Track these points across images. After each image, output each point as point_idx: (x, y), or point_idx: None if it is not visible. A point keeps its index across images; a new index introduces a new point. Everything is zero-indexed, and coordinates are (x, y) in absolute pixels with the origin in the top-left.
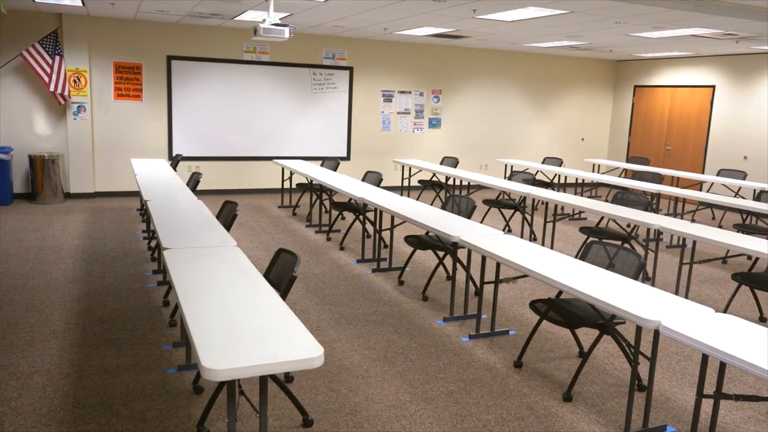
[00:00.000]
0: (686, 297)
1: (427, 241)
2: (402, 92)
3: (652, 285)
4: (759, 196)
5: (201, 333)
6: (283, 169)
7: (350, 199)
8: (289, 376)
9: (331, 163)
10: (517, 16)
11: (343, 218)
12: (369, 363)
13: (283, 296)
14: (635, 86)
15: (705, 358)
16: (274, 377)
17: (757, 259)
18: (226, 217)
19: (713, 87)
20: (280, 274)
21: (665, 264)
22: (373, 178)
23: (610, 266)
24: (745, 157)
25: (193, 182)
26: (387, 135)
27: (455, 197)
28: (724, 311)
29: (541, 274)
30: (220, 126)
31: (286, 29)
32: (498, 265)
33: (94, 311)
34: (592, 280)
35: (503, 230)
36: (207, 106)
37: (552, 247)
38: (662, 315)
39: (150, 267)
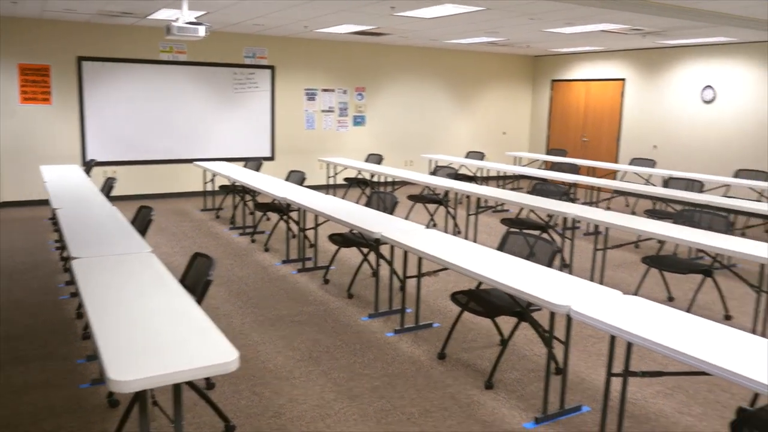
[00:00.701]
0: (601, 281)
1: (351, 238)
2: (325, 90)
3: (570, 272)
4: (667, 182)
5: (109, 344)
6: (204, 171)
7: (274, 200)
8: (210, 383)
9: (254, 163)
10: (435, 13)
11: (268, 219)
12: (293, 364)
13: (199, 301)
14: (552, 80)
15: (613, 339)
16: (192, 385)
17: (664, 242)
18: (141, 222)
19: (624, 80)
20: (196, 278)
21: (582, 251)
22: (297, 177)
23: (530, 255)
24: (655, 146)
25: (107, 188)
26: (311, 134)
27: (378, 194)
28: (635, 293)
29: (460, 266)
30: (137, 129)
31: (201, 27)
32: (420, 259)
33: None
34: (510, 269)
35: (427, 224)
36: (123, 109)
37: (475, 239)
38: (572, 300)
39: (63, 278)
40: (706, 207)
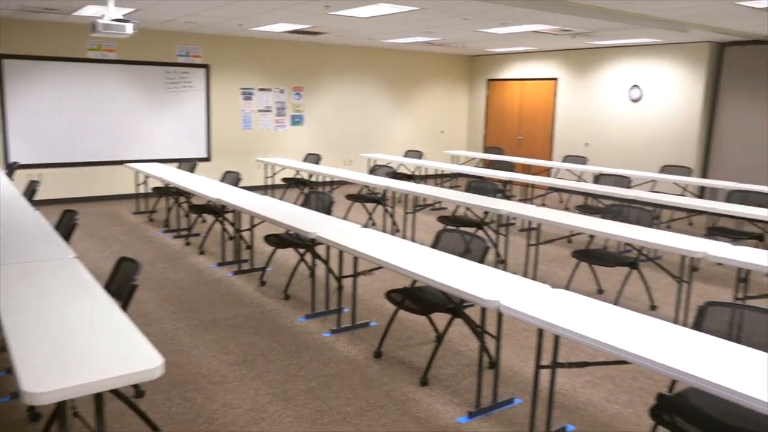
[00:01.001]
0: (534, 276)
1: (287, 239)
2: (262, 90)
3: (505, 267)
4: (598, 179)
5: (25, 355)
6: (137, 173)
7: (209, 201)
8: (139, 391)
9: (188, 164)
10: (370, 13)
11: (203, 221)
12: (227, 368)
13: (124, 307)
14: (488, 80)
15: (541, 332)
16: (117, 393)
17: (593, 236)
18: (65, 227)
19: (556, 79)
20: (121, 283)
21: (517, 247)
22: (232, 178)
23: (466, 252)
24: (587, 144)
25: (30, 191)
26: (249, 134)
27: (315, 194)
28: (566, 287)
29: (394, 265)
30: (65, 130)
31: (129, 25)
32: (356, 258)
33: None
34: (443, 267)
35: (366, 224)
36: (49, 109)
37: (413, 237)
38: (502, 295)
39: None
40: (634, 202)
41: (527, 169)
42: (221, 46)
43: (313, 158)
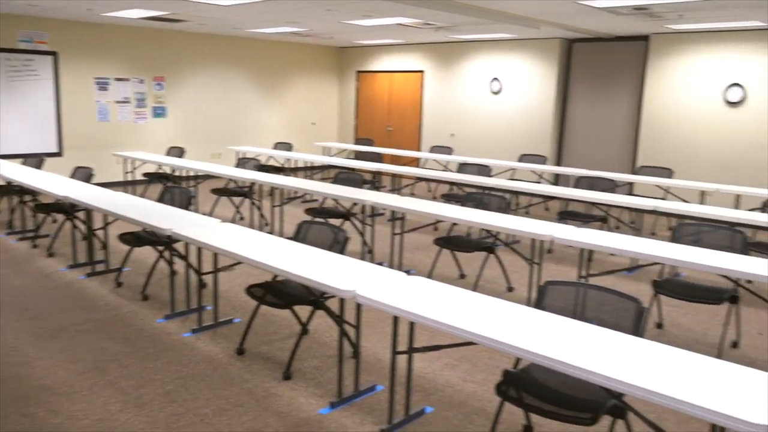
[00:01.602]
0: (400, 264)
1: (144, 237)
2: (119, 80)
3: (372, 257)
4: (462, 168)
5: None
6: None
7: (57, 199)
8: None
9: (34, 160)
10: (230, 1)
11: (54, 221)
12: (75, 377)
13: None
14: (358, 72)
15: (396, 319)
16: None
17: (454, 224)
18: None
19: (422, 72)
20: None
21: (385, 236)
22: (83, 174)
23: (335, 243)
24: (452, 135)
25: None
26: (106, 126)
27: (172, 188)
28: (430, 273)
29: (253, 259)
30: None
31: None
32: (216, 255)
33: None
34: (304, 259)
35: (233, 218)
36: None
37: (282, 231)
38: (359, 285)
39: None
40: (494, 189)
41: (397, 160)
42: (71, 32)
43: (176, 152)
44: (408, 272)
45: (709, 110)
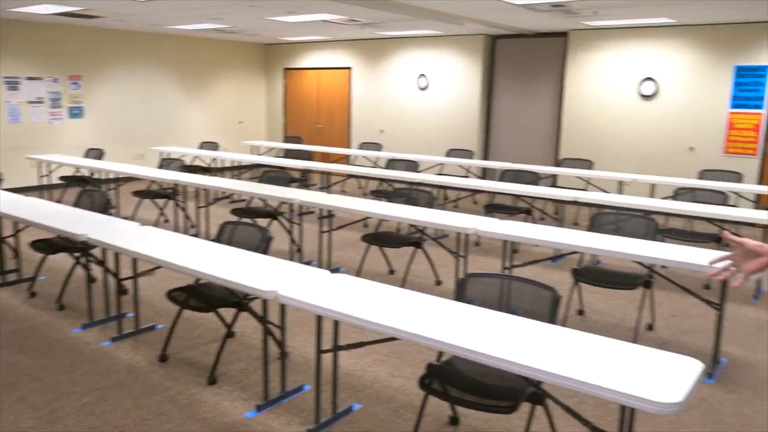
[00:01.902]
0: (329, 263)
1: (58, 243)
2: (31, 79)
3: (301, 256)
4: (391, 164)
5: None
6: None
7: None
8: None
9: None
10: None
11: None
12: None
13: None
14: (285, 69)
15: (320, 318)
16: None
17: (382, 220)
18: None
19: (350, 69)
20: None
21: (314, 235)
22: None
23: (261, 243)
24: (382, 131)
25: None
26: (17, 128)
27: (90, 192)
28: (358, 271)
29: (173, 263)
30: None
31: None
32: (135, 259)
33: None
34: (226, 261)
35: (156, 221)
36: None
37: (208, 232)
38: (280, 285)
39: None
40: (422, 185)
41: (326, 157)
42: None
43: (95, 153)
44: (337, 270)
45: (625, 104)
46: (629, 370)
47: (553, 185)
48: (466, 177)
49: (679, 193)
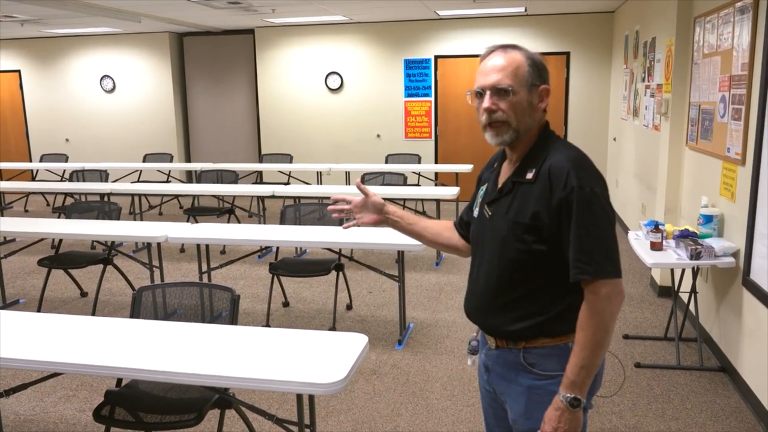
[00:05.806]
0: (4, 296)
1: None
2: None
3: None
4: (77, 176)
5: None
6: None
7: None
8: None
9: None
10: None
11: None
12: None
13: None
14: None
15: None
16: None
17: (61, 240)
18: None
19: (19, 71)
20: None
21: None
22: None
23: None
24: (67, 140)
25: None
26: None
27: None
28: (40, 301)
29: None
30: None
31: None
32: None
33: None
34: None
35: None
36: None
37: None
38: None
39: None
40: (117, 195)
41: (5, 175)
42: None
43: None
44: (15, 302)
45: (315, 98)
46: (305, 358)
47: (259, 181)
48: (168, 182)
49: (367, 179)
